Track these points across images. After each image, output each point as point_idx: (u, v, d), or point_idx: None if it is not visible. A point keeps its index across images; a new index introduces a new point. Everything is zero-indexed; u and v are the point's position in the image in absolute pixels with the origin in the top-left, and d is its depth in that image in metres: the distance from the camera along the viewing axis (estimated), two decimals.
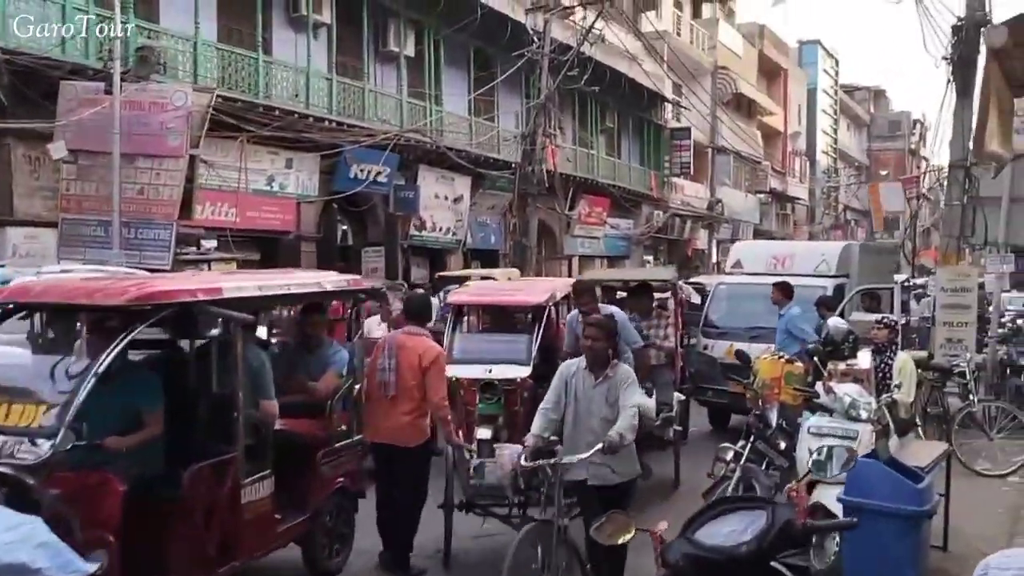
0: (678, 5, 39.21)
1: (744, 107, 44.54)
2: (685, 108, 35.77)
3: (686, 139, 35.53)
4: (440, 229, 23.00)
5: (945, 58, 11.26)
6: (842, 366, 6.83)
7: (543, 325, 7.98)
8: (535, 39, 19.75)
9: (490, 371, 7.43)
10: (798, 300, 10.52)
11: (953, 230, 11.67)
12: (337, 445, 6.02)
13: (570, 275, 29.82)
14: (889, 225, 64.56)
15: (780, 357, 7.24)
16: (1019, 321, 19.26)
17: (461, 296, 8.57)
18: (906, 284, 21.93)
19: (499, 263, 26.30)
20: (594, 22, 19.37)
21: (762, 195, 46.63)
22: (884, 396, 6.90)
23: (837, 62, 63.90)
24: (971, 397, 9.59)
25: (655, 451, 8.14)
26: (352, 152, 18.49)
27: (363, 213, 21.19)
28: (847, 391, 6.22)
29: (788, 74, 51.74)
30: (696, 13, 41.46)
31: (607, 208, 30.79)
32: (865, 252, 13.29)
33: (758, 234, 42.71)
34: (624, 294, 9.72)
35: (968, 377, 9.81)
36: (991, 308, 12.68)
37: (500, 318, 8.67)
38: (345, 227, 21.08)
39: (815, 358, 7.26)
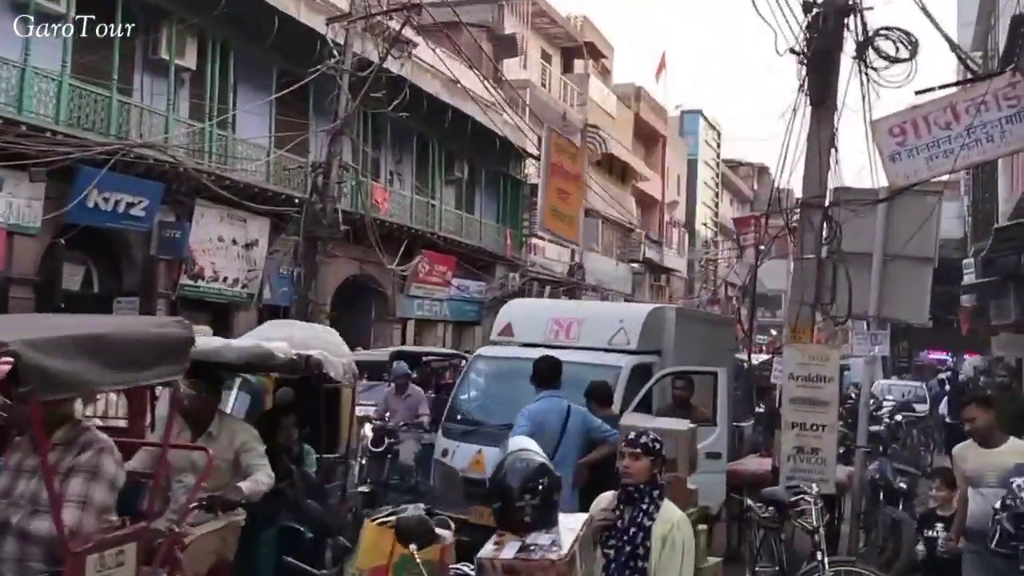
0: (546, 57, 36.58)
1: (617, 170, 42.05)
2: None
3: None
4: (225, 279, 19.01)
5: (795, 52, 8.08)
6: (508, 550, 3.23)
7: None
8: (335, 53, 16.21)
9: None
10: (576, 387, 6.97)
11: (806, 294, 8.37)
12: None
13: (403, 342, 26.13)
14: (770, 303, 63.08)
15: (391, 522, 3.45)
16: (898, 417, 16.25)
17: None
18: (768, 366, 18.89)
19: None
20: (400, 31, 15.93)
21: (635, 264, 43.97)
22: None
23: (719, 134, 62.74)
24: (819, 556, 6.07)
25: None
26: (83, 173, 14.48)
27: (116, 254, 17.09)
28: None
29: (667, 141, 49.80)
30: (567, 67, 38.90)
31: (452, 267, 27.25)
32: (686, 321, 9.77)
33: None
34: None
35: (817, 522, 6.29)
36: (860, 404, 9.39)
37: None
38: (87, 270, 16.95)
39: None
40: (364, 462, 9.53)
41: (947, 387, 23.75)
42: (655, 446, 4.07)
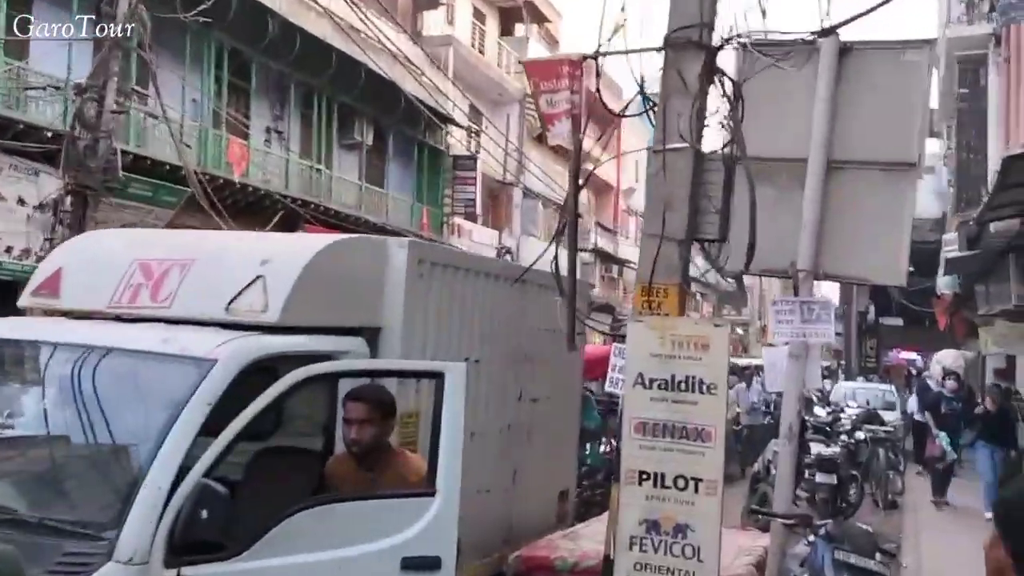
0: (479, 16, 32.45)
1: (564, 149, 38.00)
2: (474, 134, 28.86)
3: (472, 170, 28.28)
4: (9, 250, 14.75)
5: None
6: None
7: None
8: None
9: None
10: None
11: (671, 222, 4.28)
12: None
13: None
14: (735, 299, 58.99)
15: None
16: (861, 433, 12.45)
17: None
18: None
19: None
20: None
21: (585, 253, 39.92)
22: None
23: None
24: None
25: None
26: None
27: None
28: None
29: (622, 122, 45.78)
30: (506, 31, 34.78)
31: None
32: (442, 271, 5.11)
33: None
34: None
35: None
36: (782, 431, 5.30)
37: None
38: None
39: None
40: None
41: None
42: None
